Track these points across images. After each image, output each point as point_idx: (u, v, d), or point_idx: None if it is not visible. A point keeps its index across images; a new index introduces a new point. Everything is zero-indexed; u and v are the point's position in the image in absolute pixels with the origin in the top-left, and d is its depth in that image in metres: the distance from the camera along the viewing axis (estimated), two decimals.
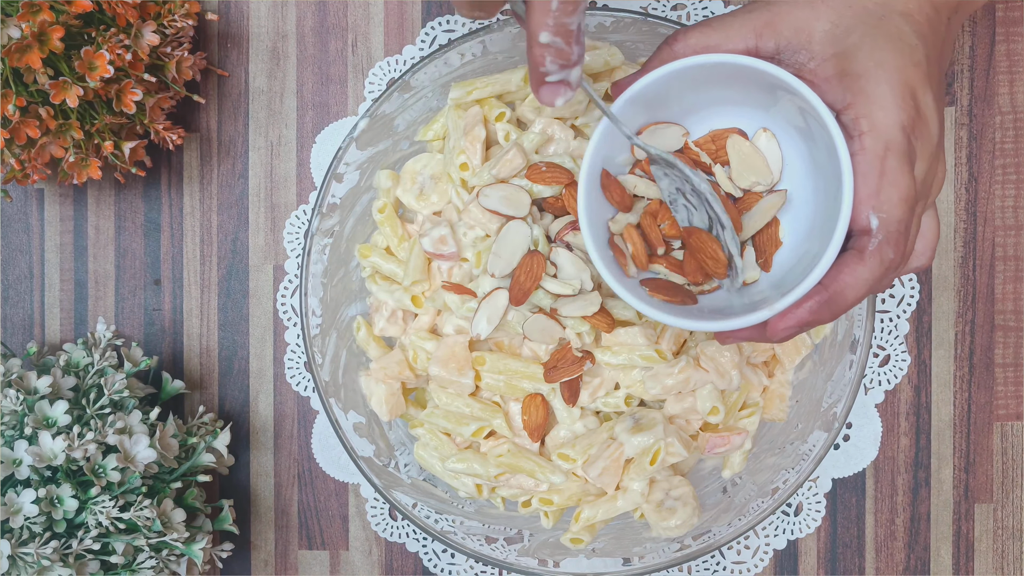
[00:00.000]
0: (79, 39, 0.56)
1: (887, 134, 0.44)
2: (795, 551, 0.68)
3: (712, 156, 0.51)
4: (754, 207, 0.50)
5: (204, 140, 0.68)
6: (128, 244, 0.68)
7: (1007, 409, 0.67)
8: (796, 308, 0.45)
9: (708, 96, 0.50)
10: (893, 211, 0.44)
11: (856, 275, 0.44)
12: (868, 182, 0.44)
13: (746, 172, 0.50)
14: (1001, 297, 0.67)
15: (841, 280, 0.44)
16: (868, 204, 0.44)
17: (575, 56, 0.43)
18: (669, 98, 0.50)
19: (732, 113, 0.51)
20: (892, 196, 0.44)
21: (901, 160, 0.44)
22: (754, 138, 0.50)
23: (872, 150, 0.44)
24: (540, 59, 0.43)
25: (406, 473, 0.64)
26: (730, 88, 0.49)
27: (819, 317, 0.45)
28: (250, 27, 0.68)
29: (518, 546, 0.63)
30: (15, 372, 0.60)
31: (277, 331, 0.68)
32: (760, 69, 0.46)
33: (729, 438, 0.61)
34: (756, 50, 0.47)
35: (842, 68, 0.45)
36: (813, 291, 0.45)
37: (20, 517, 0.56)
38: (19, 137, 0.56)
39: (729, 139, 0.50)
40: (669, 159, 0.49)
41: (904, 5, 0.47)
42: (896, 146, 0.44)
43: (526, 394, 0.61)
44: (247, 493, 0.69)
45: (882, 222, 0.44)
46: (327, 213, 0.61)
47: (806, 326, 0.45)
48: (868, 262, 0.44)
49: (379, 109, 0.61)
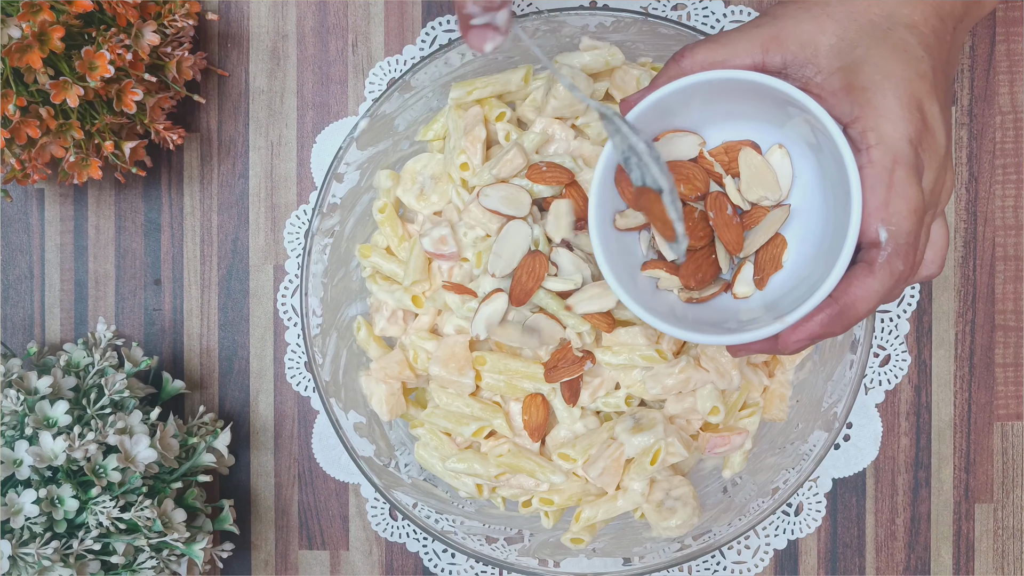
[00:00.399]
0: (79, 39, 0.56)
1: (895, 147, 0.44)
2: (795, 551, 0.68)
3: (725, 167, 0.51)
4: (760, 222, 0.50)
5: (204, 140, 0.68)
6: (128, 244, 0.68)
7: (1007, 409, 0.67)
8: (807, 321, 0.45)
9: (724, 109, 0.50)
10: (902, 223, 0.44)
11: (867, 287, 0.44)
12: (877, 195, 0.44)
13: (755, 185, 0.50)
14: (1001, 297, 0.67)
15: (852, 293, 0.45)
16: (877, 217, 0.44)
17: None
18: (681, 112, 0.50)
19: (749, 127, 0.51)
20: (901, 208, 0.44)
21: (909, 172, 0.44)
22: (768, 153, 0.50)
23: (880, 163, 0.44)
24: (463, 0, 0.43)
25: (406, 473, 0.64)
26: (744, 103, 0.49)
27: (830, 330, 0.45)
28: (250, 27, 0.68)
29: (518, 546, 0.63)
30: (15, 372, 0.60)
31: (277, 331, 0.68)
32: (766, 84, 0.46)
33: (729, 438, 0.61)
34: (763, 65, 0.47)
35: (848, 81, 0.45)
36: (824, 304, 0.45)
37: (21, 517, 0.56)
38: (19, 137, 0.56)
39: (741, 152, 0.50)
40: (606, 112, 0.47)
41: (909, 17, 0.47)
42: (904, 158, 0.44)
43: (526, 394, 0.61)
44: (247, 493, 0.69)
45: (891, 234, 0.44)
46: (327, 213, 0.61)
47: (818, 338, 0.46)
48: (878, 274, 0.44)
49: (379, 109, 0.61)
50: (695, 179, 0.51)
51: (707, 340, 0.48)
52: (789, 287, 0.50)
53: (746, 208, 0.51)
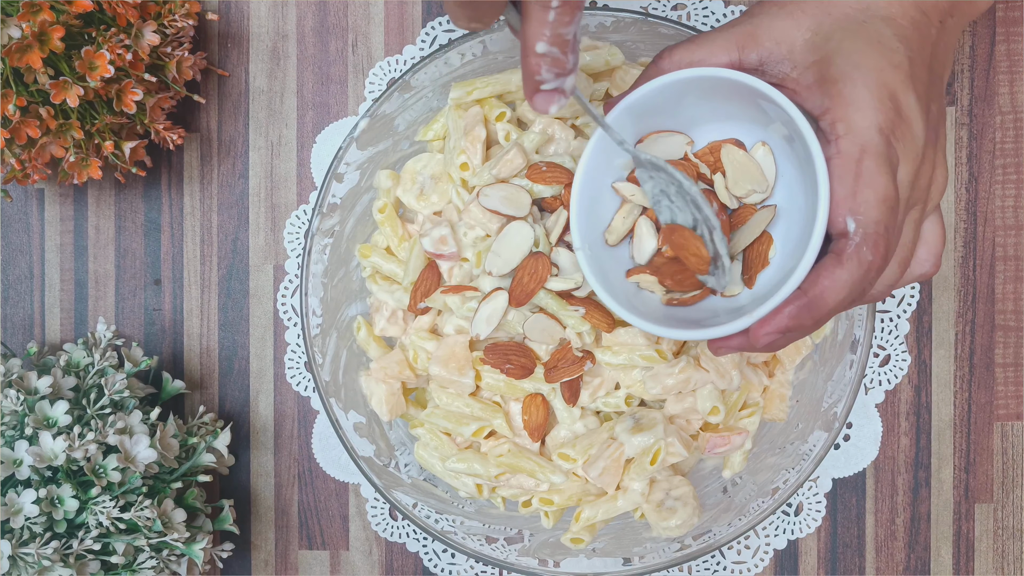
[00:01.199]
0: (79, 39, 0.56)
1: (863, 136, 0.44)
2: (795, 551, 0.68)
3: (710, 167, 0.51)
4: (748, 221, 0.50)
5: (204, 140, 0.68)
6: (128, 244, 0.68)
7: (1007, 409, 0.67)
8: (776, 314, 0.45)
9: (709, 109, 0.50)
10: (870, 212, 0.44)
11: (835, 278, 0.44)
12: (844, 184, 0.44)
13: (741, 180, 0.50)
14: (1001, 297, 0.67)
15: (820, 284, 0.44)
16: (845, 207, 0.44)
17: (571, 65, 0.43)
18: (665, 111, 0.50)
19: (735, 128, 0.51)
20: (869, 198, 0.43)
21: (879, 161, 0.44)
22: (752, 150, 0.51)
23: (848, 153, 0.44)
24: (536, 69, 0.43)
25: (406, 473, 0.64)
26: (727, 102, 0.49)
27: (800, 323, 0.45)
28: (250, 27, 0.68)
29: (518, 546, 0.63)
30: (15, 372, 0.60)
31: (277, 331, 0.68)
32: (736, 80, 0.46)
33: (729, 438, 0.61)
34: (739, 63, 0.47)
35: (821, 74, 0.45)
36: (793, 297, 0.45)
37: (21, 517, 0.56)
38: (19, 137, 0.56)
39: (724, 148, 0.51)
40: (658, 163, 0.49)
41: (886, 9, 0.47)
42: (873, 148, 0.44)
43: (526, 394, 0.61)
44: (247, 493, 0.69)
45: (859, 224, 0.44)
46: (327, 213, 0.61)
47: (788, 331, 0.45)
48: (847, 264, 0.44)
49: (379, 109, 0.61)
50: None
51: (676, 335, 0.48)
52: (776, 284, 0.50)
53: (734, 207, 0.51)
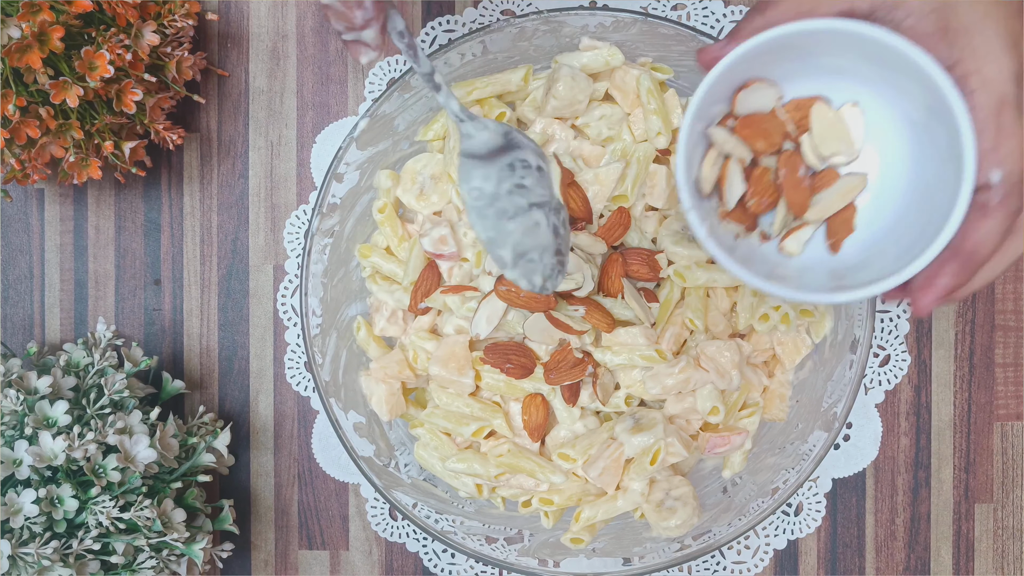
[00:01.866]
0: (79, 39, 0.56)
1: (1000, 88, 0.44)
2: (795, 551, 0.68)
3: (796, 124, 0.49)
4: (832, 186, 0.49)
5: (204, 140, 0.68)
6: (128, 244, 0.68)
7: (1007, 409, 0.67)
8: (935, 279, 0.45)
9: (813, 62, 0.48)
10: (1014, 164, 0.44)
11: (985, 229, 0.44)
12: (985, 138, 0.44)
13: (828, 139, 0.48)
14: (1001, 297, 0.67)
15: (971, 239, 0.44)
16: (988, 160, 0.44)
17: (359, 20, 0.44)
18: (760, 64, 0.47)
19: (828, 82, 0.48)
20: (1013, 149, 0.43)
21: (1017, 112, 0.44)
22: (840, 110, 0.49)
23: (986, 106, 0.44)
24: (326, 18, 0.46)
25: (406, 473, 0.64)
26: (833, 55, 0.47)
27: (960, 280, 0.45)
28: (250, 27, 0.68)
29: (518, 546, 0.63)
30: (15, 372, 0.60)
31: (277, 331, 0.68)
32: (855, 32, 0.44)
33: (729, 438, 0.61)
34: (851, 11, 0.45)
35: (944, 23, 0.44)
36: (944, 258, 0.45)
37: (20, 517, 0.56)
38: (19, 137, 0.56)
39: (814, 106, 0.48)
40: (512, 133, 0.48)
41: None
42: (1011, 99, 0.44)
43: (526, 394, 0.61)
44: (247, 493, 0.69)
45: (1004, 176, 0.44)
46: (327, 213, 0.61)
47: (951, 292, 0.45)
48: (995, 215, 0.44)
49: (379, 109, 0.61)
50: (772, 133, 0.48)
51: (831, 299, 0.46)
52: (867, 249, 0.48)
53: (820, 168, 0.49)
